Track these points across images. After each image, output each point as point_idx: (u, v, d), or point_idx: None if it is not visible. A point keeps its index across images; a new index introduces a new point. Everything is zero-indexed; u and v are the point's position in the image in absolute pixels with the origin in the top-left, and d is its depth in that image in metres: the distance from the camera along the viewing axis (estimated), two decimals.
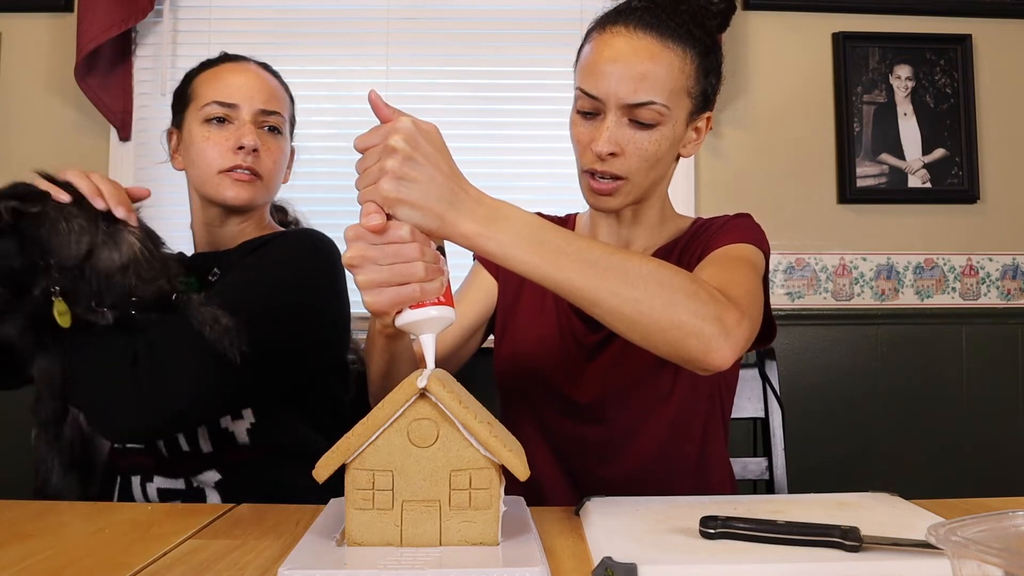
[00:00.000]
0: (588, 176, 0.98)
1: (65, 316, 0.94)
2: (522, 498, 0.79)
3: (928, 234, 2.03)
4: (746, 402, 1.29)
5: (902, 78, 2.03)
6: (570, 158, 1.02)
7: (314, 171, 1.84)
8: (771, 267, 1.55)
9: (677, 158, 1.02)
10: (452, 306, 0.71)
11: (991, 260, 2.03)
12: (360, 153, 0.70)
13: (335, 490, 0.68)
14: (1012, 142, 2.05)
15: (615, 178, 0.96)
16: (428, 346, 0.69)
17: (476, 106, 2.02)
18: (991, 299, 2.02)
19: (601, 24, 0.98)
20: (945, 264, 2.02)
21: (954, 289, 2.02)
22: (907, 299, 2.01)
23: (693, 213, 1.97)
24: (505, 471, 0.64)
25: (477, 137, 2.02)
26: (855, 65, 2.02)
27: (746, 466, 1.27)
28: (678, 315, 0.74)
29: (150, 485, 1.08)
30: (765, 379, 1.29)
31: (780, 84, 2.04)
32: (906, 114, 2.02)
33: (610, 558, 0.60)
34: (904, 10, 2.03)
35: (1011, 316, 2.02)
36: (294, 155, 1.27)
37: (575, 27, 1.99)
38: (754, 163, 2.03)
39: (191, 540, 0.72)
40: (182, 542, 0.72)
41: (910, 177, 2.01)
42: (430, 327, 0.70)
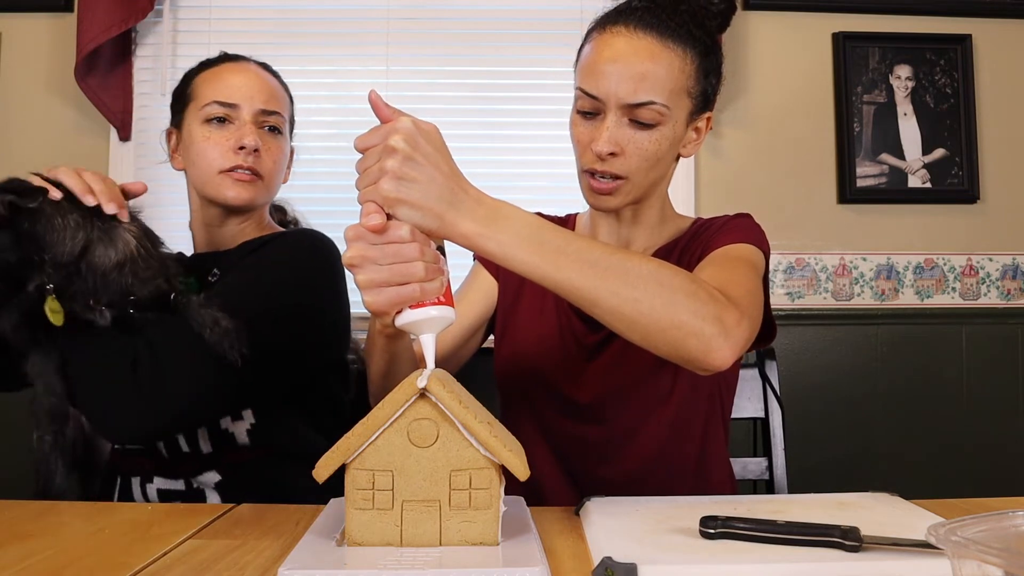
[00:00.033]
0: (588, 176, 0.98)
1: (58, 314, 0.93)
2: (522, 498, 0.79)
3: (928, 234, 2.03)
4: (746, 402, 1.29)
5: (902, 78, 2.02)
6: (570, 158, 1.02)
7: (314, 171, 1.85)
8: (771, 267, 1.55)
9: (677, 158, 1.02)
10: (452, 306, 0.71)
11: (991, 260, 2.03)
12: (360, 153, 0.70)
13: (335, 490, 0.68)
14: (1012, 142, 2.05)
15: (615, 178, 0.97)
16: (428, 346, 0.69)
17: (476, 106, 2.02)
18: (991, 299, 2.02)
19: (601, 24, 0.98)
20: (945, 264, 2.02)
21: (954, 289, 2.02)
22: (907, 299, 2.01)
23: (693, 213, 1.97)
24: (505, 471, 0.64)
25: (477, 137, 2.02)
26: (855, 65, 2.02)
27: (746, 466, 1.27)
28: (678, 315, 0.74)
29: (150, 486, 1.08)
30: (765, 379, 1.29)
31: (780, 84, 2.04)
32: (906, 114, 2.02)
33: (610, 558, 0.60)
34: (904, 10, 2.03)
35: (1011, 316, 2.02)
36: (293, 155, 1.27)
37: (575, 27, 1.99)
38: (754, 163, 2.03)
39: (191, 540, 0.72)
40: (182, 542, 0.72)
41: (910, 177, 2.01)
42: (430, 327, 0.70)
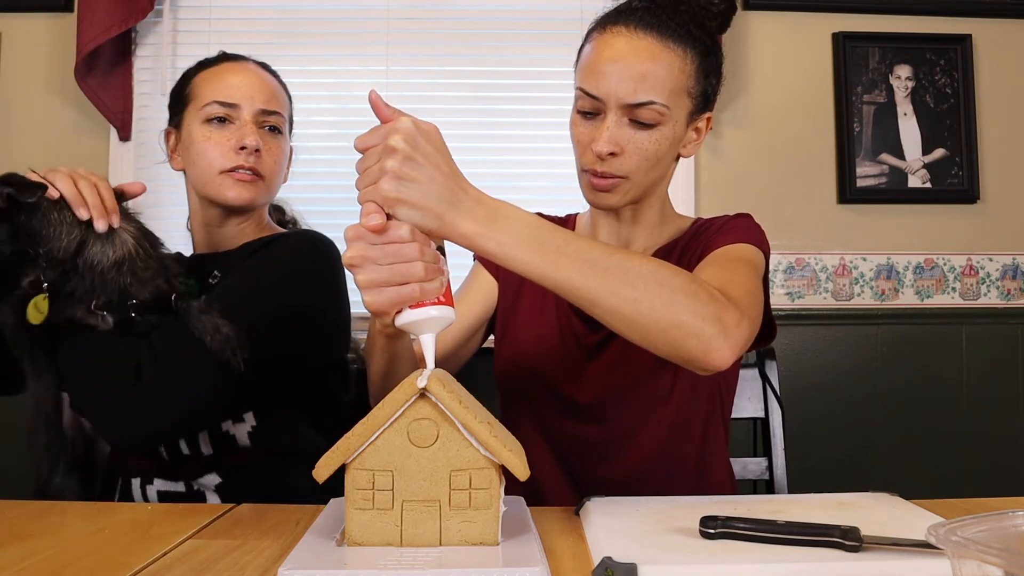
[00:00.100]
0: (588, 175, 0.98)
1: (40, 314, 0.92)
2: (522, 498, 0.79)
3: (928, 234, 2.03)
4: (746, 402, 1.29)
5: (902, 78, 2.02)
6: (570, 158, 1.02)
7: (314, 171, 1.85)
8: (771, 267, 1.55)
9: (677, 158, 1.02)
10: (452, 306, 0.71)
11: (991, 260, 2.03)
12: (360, 153, 0.70)
13: (335, 490, 0.68)
14: (1012, 142, 2.05)
15: (615, 177, 0.97)
16: (428, 346, 0.69)
17: (476, 106, 2.02)
18: (991, 299, 2.02)
19: (601, 24, 0.98)
20: (945, 264, 2.02)
21: (954, 289, 2.02)
22: (907, 299, 2.01)
23: (693, 213, 1.97)
24: (505, 471, 0.64)
25: (477, 137, 2.02)
26: (855, 65, 2.02)
27: (746, 466, 1.27)
28: (678, 315, 0.74)
29: (150, 487, 1.08)
30: (765, 379, 1.29)
31: (780, 84, 2.04)
32: (906, 114, 2.02)
33: (610, 558, 0.60)
34: (904, 10, 2.03)
35: (1011, 316, 2.02)
36: (292, 155, 1.27)
37: (575, 27, 1.99)
38: (754, 163, 2.03)
39: (191, 540, 0.72)
40: (182, 542, 0.72)
41: (910, 177, 2.01)
42: (430, 327, 0.70)
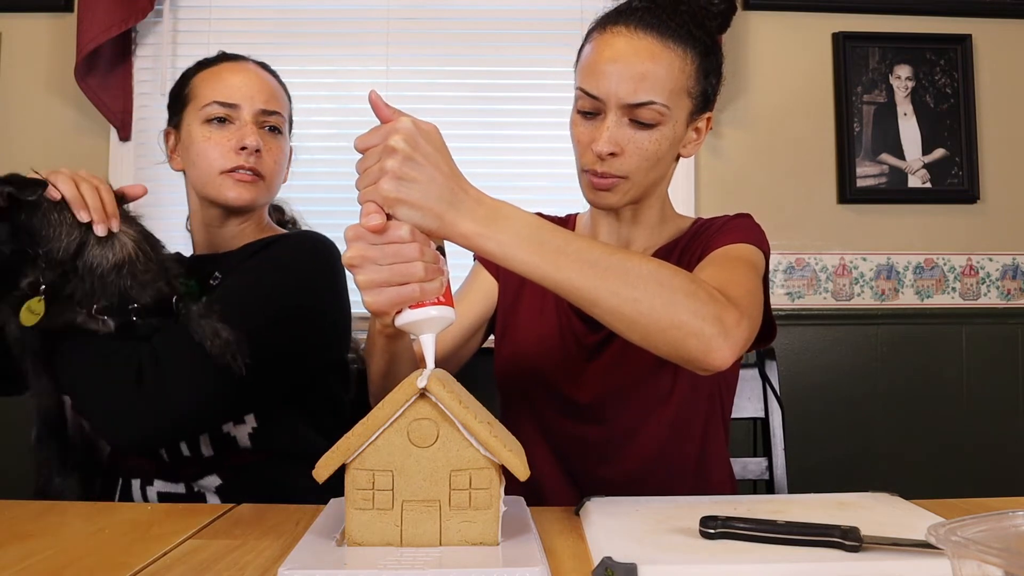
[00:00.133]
0: (588, 175, 0.98)
1: (33, 316, 0.92)
2: (522, 498, 0.79)
3: (928, 234, 2.03)
4: (746, 402, 1.29)
5: (902, 78, 2.02)
6: (570, 158, 1.02)
7: (314, 171, 1.85)
8: (771, 267, 1.55)
9: (677, 158, 1.02)
10: (452, 306, 0.71)
11: (991, 260, 2.03)
12: (360, 153, 0.70)
13: (335, 490, 0.68)
14: (1012, 142, 2.05)
15: (615, 177, 0.97)
16: (428, 346, 0.69)
17: (476, 106, 2.02)
18: (991, 299, 2.02)
19: (601, 24, 0.98)
20: (945, 264, 2.02)
21: (954, 289, 2.02)
22: (907, 299, 2.01)
23: (693, 213, 1.97)
24: (505, 471, 0.64)
25: (477, 137, 2.02)
26: (855, 65, 2.02)
27: (746, 466, 1.27)
28: (678, 315, 0.74)
29: (150, 488, 1.08)
30: (765, 379, 1.29)
31: (780, 84, 2.04)
32: (906, 114, 2.02)
33: (610, 558, 0.60)
34: (904, 10, 2.03)
35: (1011, 316, 2.02)
36: (292, 155, 1.27)
37: (575, 27, 1.99)
38: (754, 163, 2.03)
39: (191, 540, 0.72)
40: (182, 542, 0.72)
41: (910, 177, 2.01)
42: (430, 327, 0.70)
